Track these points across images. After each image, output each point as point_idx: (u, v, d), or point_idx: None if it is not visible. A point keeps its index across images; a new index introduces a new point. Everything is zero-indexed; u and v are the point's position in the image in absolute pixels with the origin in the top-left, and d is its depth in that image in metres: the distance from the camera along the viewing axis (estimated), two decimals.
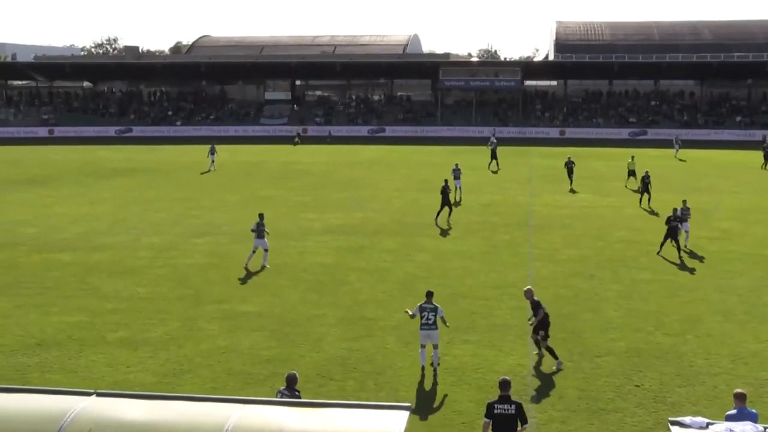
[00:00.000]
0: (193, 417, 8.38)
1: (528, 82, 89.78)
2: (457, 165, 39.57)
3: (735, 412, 10.29)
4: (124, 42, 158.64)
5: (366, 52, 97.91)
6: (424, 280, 22.74)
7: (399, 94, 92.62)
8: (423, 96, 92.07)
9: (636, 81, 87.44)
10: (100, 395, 8.91)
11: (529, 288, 16.89)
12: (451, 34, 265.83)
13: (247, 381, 15.47)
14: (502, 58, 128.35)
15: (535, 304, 16.23)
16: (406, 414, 8.50)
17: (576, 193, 39.44)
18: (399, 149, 66.59)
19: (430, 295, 15.84)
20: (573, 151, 60.98)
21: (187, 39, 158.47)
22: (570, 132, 79.62)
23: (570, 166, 42.41)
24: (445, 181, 32.88)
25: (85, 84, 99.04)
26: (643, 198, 35.54)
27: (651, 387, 15.18)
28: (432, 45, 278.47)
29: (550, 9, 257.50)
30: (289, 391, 11.49)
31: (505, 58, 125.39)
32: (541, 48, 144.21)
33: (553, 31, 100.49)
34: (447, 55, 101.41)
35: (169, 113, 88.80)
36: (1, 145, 71.49)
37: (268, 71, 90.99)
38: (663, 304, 20.58)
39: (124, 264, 25.08)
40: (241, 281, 23.00)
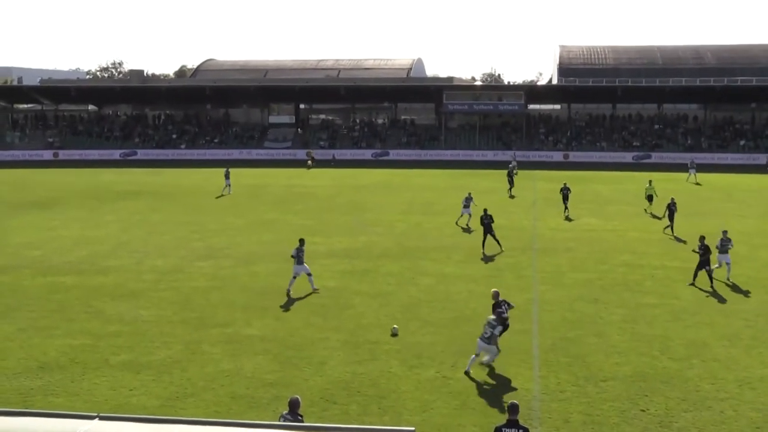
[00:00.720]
0: None
1: (532, 106, 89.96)
2: (469, 194, 38.51)
3: None
4: (129, 66, 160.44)
5: (370, 76, 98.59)
6: (428, 304, 22.73)
7: (403, 117, 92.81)
8: (427, 120, 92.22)
9: (639, 105, 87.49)
10: (102, 419, 8.85)
11: (496, 291, 19.22)
12: (455, 58, 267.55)
13: (250, 405, 15.41)
14: (506, 82, 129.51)
15: (496, 305, 18.32)
16: None
17: (572, 221, 38.91)
18: (403, 173, 66.73)
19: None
20: (577, 175, 61.17)
21: (191, 63, 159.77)
22: (574, 156, 79.75)
23: (565, 193, 41.55)
24: (485, 210, 32.03)
25: (90, 107, 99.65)
26: (667, 223, 34.82)
27: (657, 412, 15.08)
28: (436, 69, 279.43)
29: (553, 33, 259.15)
30: (292, 415, 11.46)
31: (508, 82, 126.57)
32: (545, 72, 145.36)
33: (557, 55, 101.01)
34: (451, 79, 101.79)
35: (174, 136, 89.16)
36: (7, 168, 71.87)
37: (272, 95, 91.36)
38: (668, 328, 20.49)
39: (127, 287, 25.09)
40: (245, 305, 22.96)
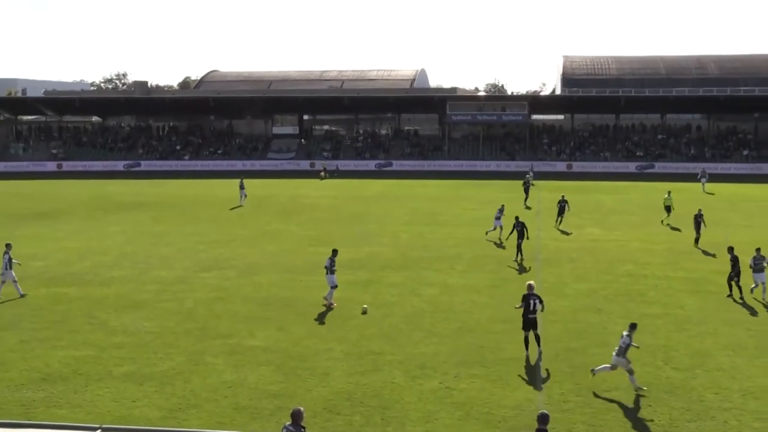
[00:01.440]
0: None
1: (535, 116, 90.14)
2: (502, 206, 37.59)
3: None
4: (133, 77, 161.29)
5: (373, 87, 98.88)
6: (431, 315, 22.71)
7: (406, 128, 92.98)
8: (430, 130, 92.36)
9: (643, 115, 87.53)
10: (105, 430, 8.88)
11: (530, 283, 19.83)
12: (459, 69, 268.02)
13: (253, 416, 15.38)
14: (509, 93, 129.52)
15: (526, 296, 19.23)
16: None
17: (570, 234, 38.77)
18: (406, 183, 66.79)
19: (632, 327, 17.13)
20: (580, 185, 61.21)
21: (195, 74, 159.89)
22: (577, 166, 79.77)
23: (562, 205, 40.92)
24: (516, 217, 32.06)
25: (94, 119, 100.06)
26: (695, 235, 34.55)
27: (661, 422, 15.03)
28: (439, 79, 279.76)
29: (556, 44, 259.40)
30: (295, 427, 11.43)
31: (512, 93, 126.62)
32: (548, 82, 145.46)
33: (560, 66, 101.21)
34: (454, 89, 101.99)
35: (178, 148, 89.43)
36: (11, 179, 72.09)
37: (276, 106, 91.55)
38: (671, 338, 20.45)
39: (131, 298, 25.09)
40: (248, 315, 22.95)
